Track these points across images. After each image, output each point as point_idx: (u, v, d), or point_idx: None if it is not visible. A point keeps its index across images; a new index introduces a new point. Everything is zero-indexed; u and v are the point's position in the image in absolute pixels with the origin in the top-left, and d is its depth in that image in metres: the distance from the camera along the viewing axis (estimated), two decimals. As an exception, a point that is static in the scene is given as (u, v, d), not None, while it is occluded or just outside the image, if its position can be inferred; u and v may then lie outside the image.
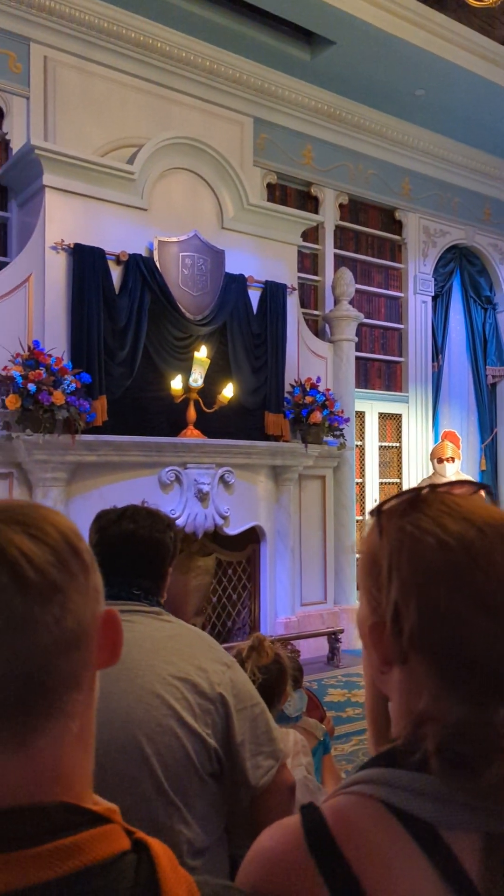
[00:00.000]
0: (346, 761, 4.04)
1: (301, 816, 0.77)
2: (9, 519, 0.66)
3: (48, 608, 0.63)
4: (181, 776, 1.49)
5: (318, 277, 7.10)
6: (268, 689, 1.84)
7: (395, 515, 0.83)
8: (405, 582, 0.79)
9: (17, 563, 0.63)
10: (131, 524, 1.74)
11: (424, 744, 0.77)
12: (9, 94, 5.35)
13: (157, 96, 5.95)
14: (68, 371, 4.76)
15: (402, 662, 0.81)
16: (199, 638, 1.67)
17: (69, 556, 0.67)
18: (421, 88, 6.90)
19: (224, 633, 6.02)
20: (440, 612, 0.77)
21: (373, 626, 0.83)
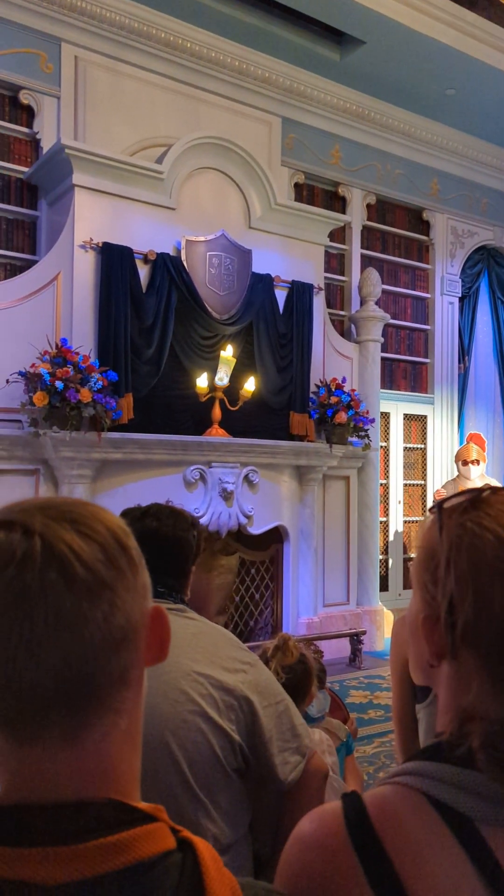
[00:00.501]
0: (368, 763, 4.03)
1: (342, 803, 0.78)
2: (59, 516, 0.66)
3: (97, 605, 0.64)
4: (207, 772, 1.50)
5: (345, 277, 7.09)
6: (292, 689, 1.84)
7: (456, 513, 0.85)
8: (462, 577, 0.80)
9: (66, 560, 0.63)
10: (155, 522, 1.75)
11: (470, 740, 0.77)
12: (40, 94, 5.40)
13: (185, 96, 5.97)
14: (95, 369, 4.79)
15: (453, 657, 0.82)
16: (222, 636, 1.68)
17: (118, 553, 0.67)
18: (451, 88, 6.85)
19: (246, 632, 6.02)
20: (494, 609, 0.79)
21: (426, 619, 0.85)
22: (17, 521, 0.65)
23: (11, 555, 0.62)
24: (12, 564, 0.62)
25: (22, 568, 0.62)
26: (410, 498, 7.54)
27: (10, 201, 5.37)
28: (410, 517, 7.50)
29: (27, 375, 4.71)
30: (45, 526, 0.64)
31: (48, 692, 0.62)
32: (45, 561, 0.62)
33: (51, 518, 0.65)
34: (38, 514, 0.66)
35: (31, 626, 0.61)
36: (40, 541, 0.63)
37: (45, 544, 0.63)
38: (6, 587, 0.62)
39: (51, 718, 0.63)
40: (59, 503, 0.69)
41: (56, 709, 0.63)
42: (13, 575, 0.62)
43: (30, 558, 0.62)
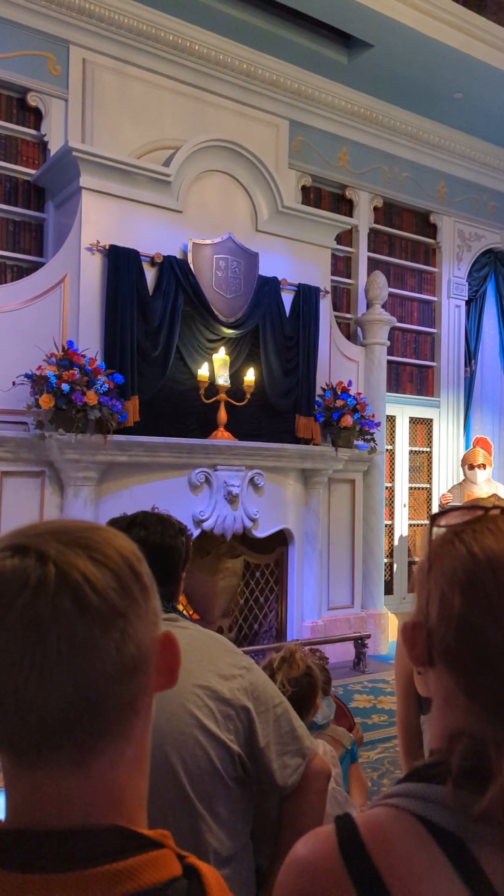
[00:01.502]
0: (372, 769, 4.02)
1: (335, 826, 0.79)
2: (71, 541, 0.66)
3: (109, 633, 0.64)
4: (206, 784, 1.50)
5: (352, 280, 7.08)
6: (298, 702, 1.83)
7: (449, 527, 0.86)
8: (434, 585, 0.83)
9: (79, 588, 0.63)
10: (142, 531, 1.75)
11: (451, 758, 0.78)
12: (47, 97, 5.40)
13: (193, 98, 5.97)
14: (101, 371, 4.79)
15: (430, 665, 0.83)
16: (216, 642, 1.67)
17: (130, 580, 0.67)
18: (459, 91, 6.84)
19: (251, 635, 6.02)
20: (455, 619, 0.80)
21: (405, 625, 0.86)
22: (32, 547, 0.65)
23: (25, 581, 0.62)
24: (26, 591, 0.62)
25: (36, 595, 0.62)
26: (416, 501, 7.52)
27: (17, 203, 5.37)
28: (415, 520, 7.49)
29: (33, 378, 4.72)
30: (59, 552, 0.64)
31: (58, 719, 0.62)
32: (58, 588, 0.62)
33: (64, 544, 0.65)
34: (52, 539, 0.66)
35: (43, 654, 0.61)
36: (54, 568, 0.63)
37: (59, 571, 0.63)
38: (19, 614, 0.62)
39: (60, 745, 0.63)
40: (73, 528, 0.68)
41: (66, 735, 0.63)
42: (27, 602, 0.62)
43: (44, 585, 0.62)
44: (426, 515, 7.58)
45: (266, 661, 2.10)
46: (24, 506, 4.88)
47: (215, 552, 5.66)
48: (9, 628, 0.62)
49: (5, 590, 0.62)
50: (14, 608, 0.62)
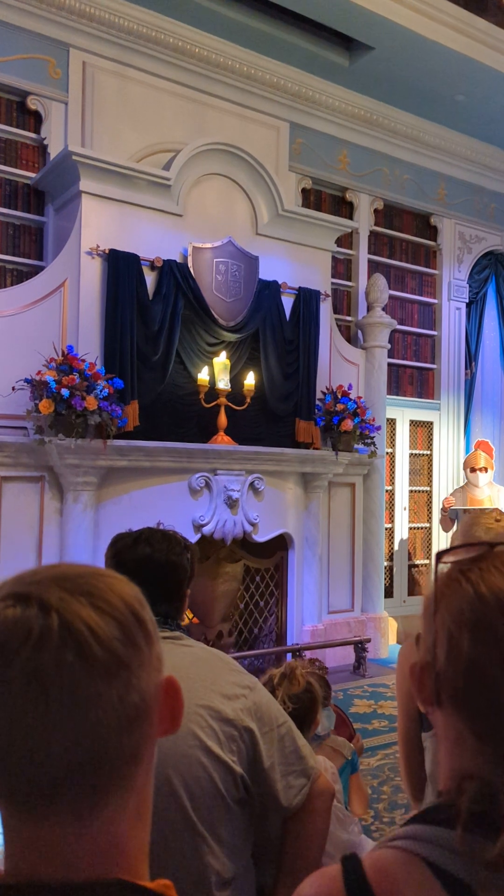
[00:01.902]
0: (373, 776, 4.02)
1: (342, 867, 0.78)
2: (75, 589, 0.65)
3: (113, 685, 0.63)
4: (208, 806, 1.49)
5: (352, 283, 7.07)
6: (298, 718, 1.82)
7: (455, 566, 0.85)
8: (441, 626, 0.82)
9: (83, 640, 0.62)
10: (147, 548, 1.74)
11: (460, 801, 0.77)
12: (47, 100, 5.39)
13: (193, 101, 5.96)
14: (101, 376, 4.78)
15: (438, 705, 0.82)
16: (219, 660, 1.66)
17: (135, 628, 0.66)
18: (461, 93, 6.83)
19: (251, 639, 6.01)
20: (463, 660, 0.79)
21: (413, 665, 0.85)
22: (34, 595, 0.64)
23: (28, 633, 0.61)
24: (29, 643, 0.61)
25: (39, 647, 0.61)
26: (416, 504, 7.52)
27: (17, 207, 5.36)
28: (416, 524, 7.48)
29: (33, 383, 4.71)
30: (62, 601, 0.63)
31: (60, 772, 0.61)
32: (62, 640, 0.61)
33: (68, 592, 0.64)
34: (55, 586, 0.64)
35: (45, 707, 0.60)
36: (57, 618, 0.62)
37: (63, 622, 0.62)
38: (22, 666, 0.61)
39: (62, 797, 0.62)
40: (74, 574, 0.67)
41: (68, 788, 0.62)
42: (29, 655, 0.61)
43: (47, 637, 0.61)
44: (426, 518, 7.57)
45: (266, 677, 2.09)
46: (23, 511, 4.87)
47: (215, 557, 5.65)
48: (10, 682, 0.61)
49: (7, 642, 0.61)
50: (16, 662, 0.61)
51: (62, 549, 4.90)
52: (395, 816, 3.58)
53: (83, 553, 4.84)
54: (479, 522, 1.93)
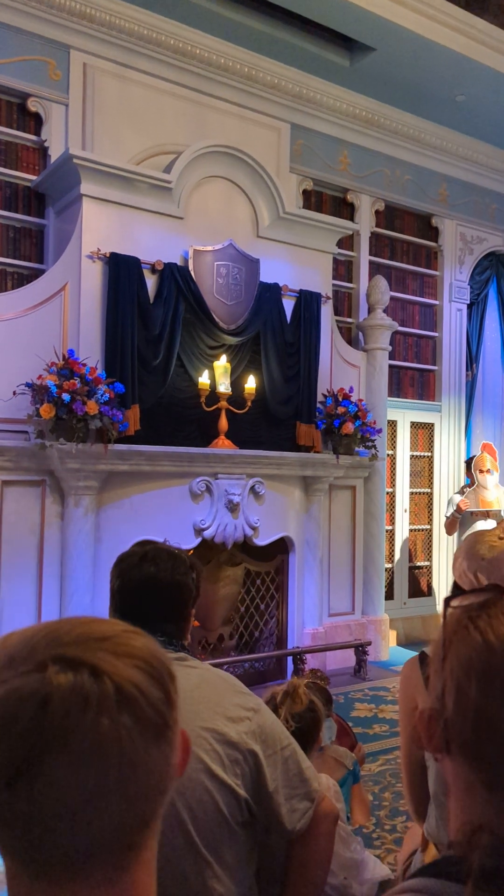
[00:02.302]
0: (374, 782, 4.01)
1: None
2: (118, 650, 0.64)
3: (161, 746, 0.63)
4: (212, 830, 1.48)
5: (353, 285, 7.05)
6: (301, 737, 1.82)
7: (463, 613, 0.84)
8: (449, 673, 0.82)
9: (137, 703, 0.62)
10: (153, 567, 1.72)
11: (472, 855, 0.76)
12: (48, 102, 5.37)
13: (194, 102, 5.94)
14: (102, 381, 4.77)
15: (446, 751, 0.82)
16: (224, 682, 1.65)
17: (171, 687, 0.67)
18: (461, 94, 6.81)
19: (251, 643, 6.01)
20: (472, 709, 0.78)
21: (422, 711, 0.84)
22: (81, 660, 0.62)
23: (85, 700, 0.60)
24: (90, 711, 0.60)
25: (99, 714, 0.60)
26: (417, 506, 7.51)
27: (17, 209, 5.34)
28: (416, 525, 7.48)
29: (34, 387, 4.70)
30: (112, 665, 0.62)
31: (107, 838, 0.61)
32: (118, 705, 0.61)
33: (112, 654, 0.63)
34: (100, 649, 0.63)
35: (105, 775, 0.60)
36: (111, 683, 0.61)
37: (116, 687, 0.61)
38: (84, 735, 0.59)
39: (99, 862, 0.61)
40: (109, 632, 0.66)
41: (107, 853, 0.61)
42: (91, 723, 0.59)
43: (105, 704, 0.60)
44: (427, 520, 7.57)
45: (268, 695, 2.08)
46: (25, 515, 4.86)
47: (216, 560, 5.65)
48: (75, 754, 0.59)
49: (67, 712, 0.59)
50: (78, 730, 0.59)
51: (63, 554, 4.90)
52: (396, 823, 3.58)
53: (84, 557, 4.84)
54: (483, 540, 1.93)
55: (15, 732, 0.59)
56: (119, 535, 4.98)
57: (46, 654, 0.63)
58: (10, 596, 4.78)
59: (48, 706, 0.59)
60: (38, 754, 0.58)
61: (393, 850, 3.28)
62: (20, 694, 0.60)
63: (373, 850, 3.20)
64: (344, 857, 1.91)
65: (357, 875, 1.95)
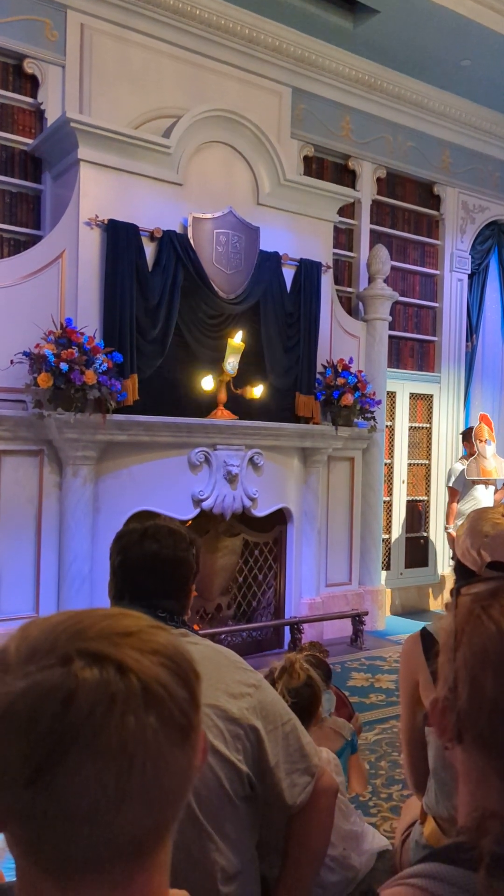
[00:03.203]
0: (370, 751, 4.06)
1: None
2: (144, 647, 0.62)
3: (185, 749, 0.62)
4: (214, 804, 1.50)
5: (353, 254, 6.98)
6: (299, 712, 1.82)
7: (475, 601, 0.84)
8: (463, 663, 0.81)
9: (163, 703, 0.60)
10: (155, 544, 1.73)
11: (483, 842, 0.76)
12: (44, 63, 5.25)
13: (193, 65, 5.81)
14: (100, 350, 4.73)
15: (459, 741, 0.81)
16: (225, 658, 1.66)
17: (195, 686, 0.65)
18: (466, 59, 6.67)
19: (249, 612, 6.05)
20: (486, 699, 0.78)
21: (434, 701, 0.84)
22: (106, 655, 0.60)
23: (112, 697, 0.58)
24: (116, 709, 0.58)
25: (125, 713, 0.58)
26: (414, 477, 7.51)
27: (13, 174, 5.25)
28: (414, 496, 7.49)
29: (31, 356, 4.66)
30: (138, 662, 0.60)
31: (127, 840, 0.59)
32: (146, 704, 0.59)
33: (138, 651, 0.61)
34: (126, 645, 0.61)
35: (128, 776, 0.58)
36: (137, 681, 0.59)
37: (144, 686, 0.59)
38: (109, 735, 0.57)
39: (114, 864, 0.60)
40: (134, 627, 0.64)
41: (127, 855, 0.60)
42: (118, 722, 0.58)
43: (131, 703, 0.58)
44: (425, 491, 7.58)
45: (267, 670, 2.09)
46: (22, 485, 4.85)
47: (214, 531, 5.65)
48: (98, 752, 0.57)
49: (92, 709, 0.58)
50: (104, 729, 0.58)
51: (61, 524, 4.90)
52: (392, 792, 3.62)
53: (82, 527, 4.84)
54: (486, 517, 1.92)
55: (38, 729, 0.57)
56: (117, 505, 4.98)
57: (70, 648, 0.60)
58: (9, 566, 4.79)
59: (73, 702, 0.57)
60: (61, 751, 0.57)
61: (389, 818, 3.32)
62: (44, 688, 0.58)
63: (369, 818, 3.25)
64: (343, 829, 1.93)
65: (356, 846, 1.97)
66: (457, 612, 0.84)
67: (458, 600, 0.86)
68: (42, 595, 4.88)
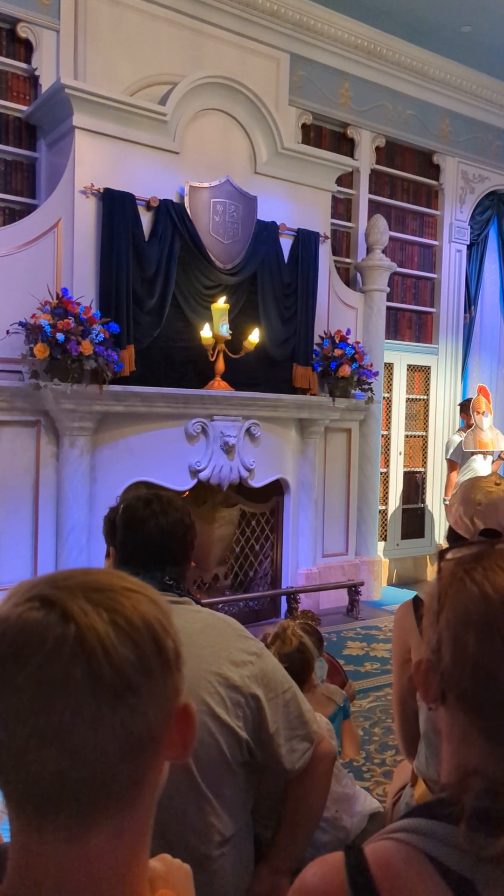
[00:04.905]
0: (364, 718, 4.12)
1: (345, 858, 0.79)
2: (99, 602, 0.63)
3: (117, 710, 0.61)
4: (213, 769, 1.53)
5: (351, 224, 6.92)
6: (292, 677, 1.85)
7: (458, 565, 0.85)
8: (445, 625, 0.83)
9: (94, 658, 0.61)
10: (162, 517, 1.74)
11: (464, 797, 0.78)
12: (38, 28, 5.16)
13: (190, 30, 5.71)
14: (97, 320, 4.71)
15: (442, 702, 0.83)
16: (228, 626, 1.69)
17: (152, 655, 0.65)
18: (467, 25, 6.57)
19: (246, 582, 6.09)
20: (469, 659, 0.79)
21: (418, 663, 0.86)
22: (58, 602, 0.62)
23: (43, 639, 0.60)
24: (42, 652, 0.60)
25: (50, 658, 0.60)
26: (411, 449, 7.53)
27: (7, 142, 5.19)
28: (411, 468, 7.51)
29: (27, 326, 4.64)
30: (84, 613, 0.62)
31: (53, 789, 0.60)
32: (73, 654, 0.60)
33: (91, 603, 0.63)
34: (81, 596, 0.63)
35: (45, 721, 0.59)
36: (75, 629, 0.61)
37: (79, 635, 0.61)
38: (30, 674, 0.60)
39: (57, 815, 0.61)
40: (105, 586, 0.65)
41: (61, 807, 0.61)
42: (40, 663, 0.60)
43: (60, 648, 0.60)
44: (421, 463, 7.60)
45: (261, 636, 2.12)
46: (19, 455, 4.86)
47: (211, 501, 5.67)
48: (18, 688, 0.60)
49: (23, 645, 0.61)
50: (27, 667, 0.60)
51: (59, 494, 4.91)
52: (385, 757, 3.68)
53: (80, 497, 4.86)
54: (478, 486, 1.93)
55: None
56: (114, 475, 4.99)
57: (36, 592, 0.63)
58: (6, 536, 4.81)
59: (5, 637, 0.61)
60: None
61: (382, 783, 3.38)
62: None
63: (363, 782, 3.31)
64: (336, 791, 1.97)
65: (348, 808, 2.01)
66: (440, 576, 0.85)
67: (443, 565, 0.87)
68: (40, 565, 4.92)
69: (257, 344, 5.43)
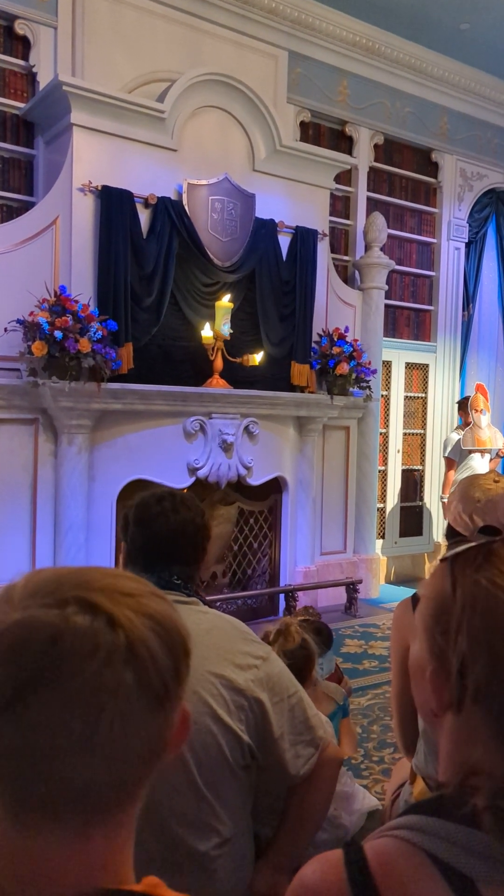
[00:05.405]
0: (363, 716, 4.12)
1: (344, 855, 0.79)
2: (139, 609, 0.64)
3: (157, 717, 0.63)
4: (214, 771, 1.52)
5: (350, 221, 6.92)
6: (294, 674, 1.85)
7: (470, 567, 0.84)
8: (476, 637, 0.81)
9: (144, 664, 0.62)
10: (178, 516, 1.72)
11: (474, 798, 0.77)
12: (36, 24, 5.15)
13: (188, 27, 5.70)
14: (95, 318, 4.70)
15: (458, 711, 0.82)
16: (234, 629, 1.67)
17: (183, 661, 0.67)
18: (465, 22, 6.56)
19: (244, 580, 6.09)
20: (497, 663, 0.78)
21: (434, 672, 0.84)
22: (103, 608, 0.63)
23: (96, 646, 0.61)
24: (96, 658, 0.60)
25: (105, 665, 0.60)
26: (409, 447, 7.53)
27: (5, 139, 5.18)
28: (409, 466, 7.51)
29: (25, 324, 4.63)
30: (130, 621, 0.63)
31: (84, 792, 0.61)
32: (125, 661, 0.61)
33: (133, 611, 0.64)
34: (123, 604, 0.64)
35: (95, 727, 0.60)
36: (124, 638, 0.62)
37: (129, 643, 0.62)
38: (85, 681, 0.60)
39: (73, 814, 0.62)
40: (137, 591, 0.66)
41: (83, 806, 0.62)
42: (96, 670, 0.60)
43: (113, 656, 0.61)
44: (419, 461, 7.60)
45: (262, 633, 2.12)
46: (17, 453, 4.85)
47: (209, 500, 5.66)
48: (71, 694, 0.60)
49: (75, 652, 0.60)
50: (81, 674, 0.60)
51: (57, 492, 4.90)
52: (383, 755, 3.69)
53: (78, 495, 4.85)
54: (477, 483, 1.93)
55: (20, 659, 0.60)
56: (113, 473, 4.99)
57: (70, 594, 0.63)
58: (4, 534, 4.81)
59: (58, 642, 0.60)
60: (36, 685, 0.59)
61: (380, 781, 3.38)
62: (36, 623, 0.61)
63: (361, 780, 3.31)
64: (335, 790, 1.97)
65: (347, 806, 2.01)
66: (458, 585, 0.84)
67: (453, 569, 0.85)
68: (38, 563, 4.91)
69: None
